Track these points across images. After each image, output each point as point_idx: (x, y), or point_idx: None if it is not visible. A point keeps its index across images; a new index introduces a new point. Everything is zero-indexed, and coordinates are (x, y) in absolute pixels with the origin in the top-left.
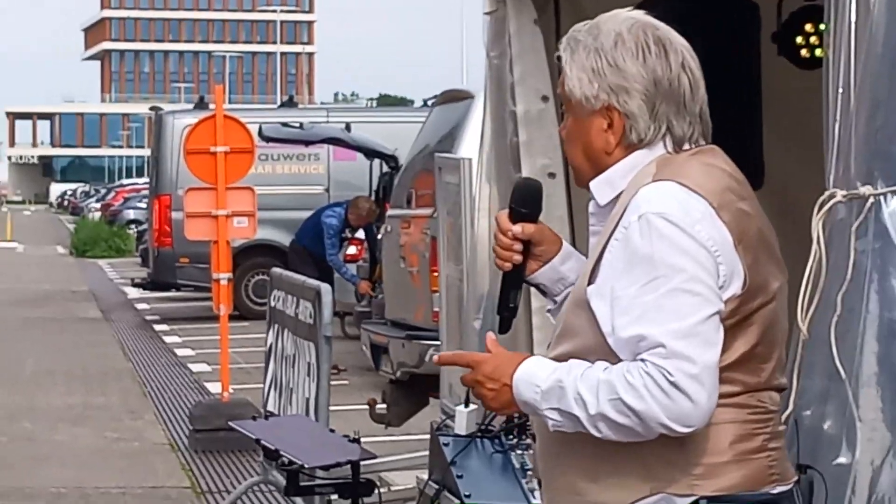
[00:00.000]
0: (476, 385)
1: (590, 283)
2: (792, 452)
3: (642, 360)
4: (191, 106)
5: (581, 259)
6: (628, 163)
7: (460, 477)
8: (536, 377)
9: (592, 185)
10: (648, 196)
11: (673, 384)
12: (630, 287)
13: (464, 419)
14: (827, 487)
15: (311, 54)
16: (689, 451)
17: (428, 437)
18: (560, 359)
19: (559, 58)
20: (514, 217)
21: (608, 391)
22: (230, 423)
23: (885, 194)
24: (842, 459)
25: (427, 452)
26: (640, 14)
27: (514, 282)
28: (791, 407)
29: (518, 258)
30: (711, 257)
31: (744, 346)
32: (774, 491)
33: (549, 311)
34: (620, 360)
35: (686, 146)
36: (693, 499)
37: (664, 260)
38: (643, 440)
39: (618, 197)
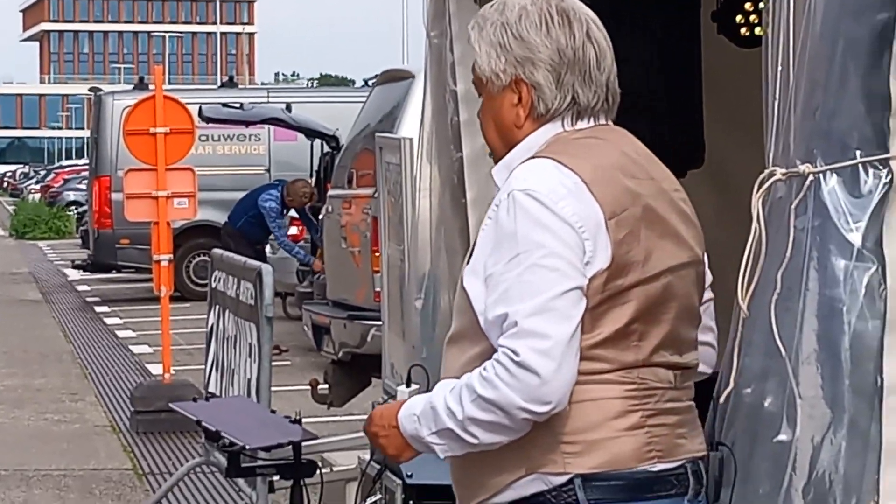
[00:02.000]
0: (374, 438)
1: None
2: (733, 431)
3: (498, 346)
4: (130, 87)
5: None
6: (525, 145)
7: None
8: (413, 407)
9: (494, 171)
10: (518, 174)
11: (519, 364)
12: (496, 265)
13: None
14: (736, 465)
15: (251, 34)
16: (560, 430)
17: None
18: (452, 338)
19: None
20: None
21: (469, 393)
22: (171, 405)
23: (824, 172)
24: (782, 437)
25: None
26: None
27: None
28: (731, 385)
29: None
30: (575, 233)
31: (614, 324)
32: (655, 468)
33: None
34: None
35: (588, 120)
36: (567, 477)
37: (526, 236)
38: (521, 434)
39: None
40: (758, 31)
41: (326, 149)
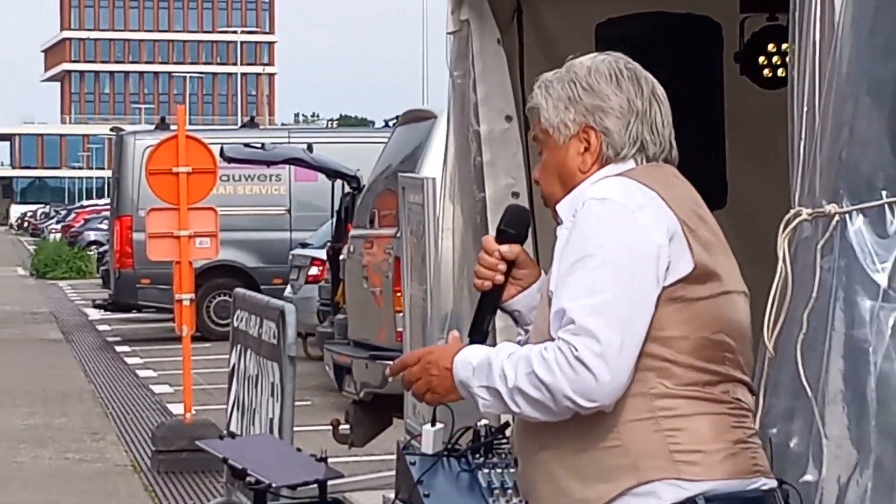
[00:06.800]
0: (423, 374)
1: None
2: None
3: (558, 335)
4: (152, 127)
5: None
6: (590, 182)
7: (427, 496)
8: (471, 357)
9: (558, 207)
10: (596, 187)
11: (578, 359)
12: (563, 265)
13: (430, 438)
14: (801, 498)
15: (271, 75)
16: (673, 441)
17: (391, 457)
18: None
19: (531, 108)
20: (502, 237)
21: (525, 366)
22: (197, 443)
23: (850, 212)
24: (808, 477)
25: (393, 472)
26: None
27: (490, 305)
28: (757, 425)
29: (500, 278)
30: (650, 241)
31: (704, 331)
32: (765, 487)
33: (519, 341)
34: None
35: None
36: (686, 494)
37: (594, 239)
38: (556, 419)
39: None
40: (780, 72)
41: (347, 189)
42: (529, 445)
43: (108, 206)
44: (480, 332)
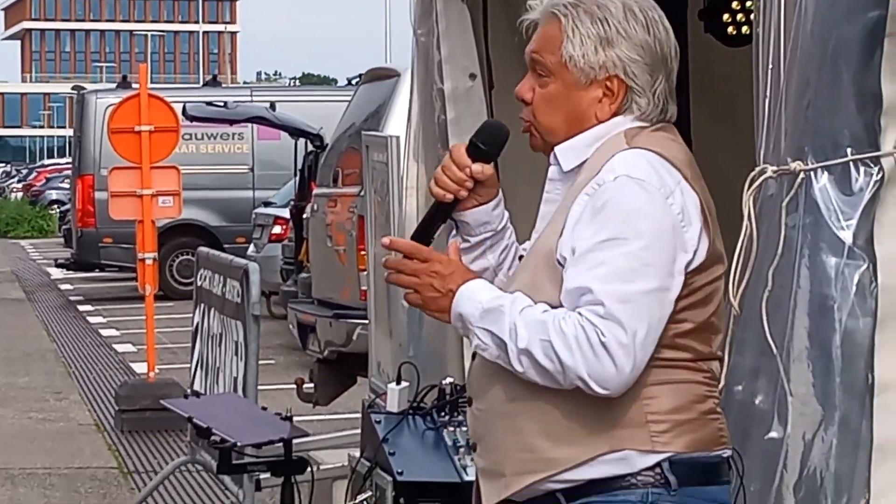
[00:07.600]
0: (422, 277)
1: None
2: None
3: (580, 312)
4: (114, 85)
5: (505, 212)
6: (594, 133)
7: (392, 454)
8: (481, 295)
9: (558, 150)
10: (627, 161)
11: (603, 345)
12: (589, 241)
13: (395, 397)
14: (744, 467)
15: (233, 33)
16: (647, 409)
17: (356, 415)
18: (524, 288)
19: (526, 20)
20: (473, 151)
21: (541, 331)
22: (162, 402)
23: (815, 170)
24: (773, 434)
25: (358, 431)
26: None
27: (443, 214)
28: (722, 382)
29: (465, 194)
30: (677, 232)
31: (700, 316)
32: (724, 454)
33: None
34: None
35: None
36: (655, 459)
37: (630, 222)
38: (559, 388)
39: (581, 165)
40: (744, 29)
41: (310, 147)
42: (496, 392)
43: (70, 165)
44: (425, 238)
